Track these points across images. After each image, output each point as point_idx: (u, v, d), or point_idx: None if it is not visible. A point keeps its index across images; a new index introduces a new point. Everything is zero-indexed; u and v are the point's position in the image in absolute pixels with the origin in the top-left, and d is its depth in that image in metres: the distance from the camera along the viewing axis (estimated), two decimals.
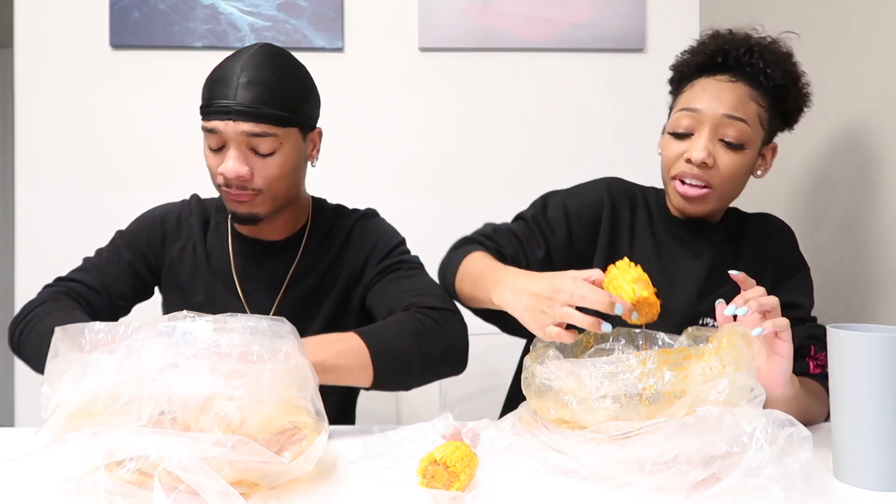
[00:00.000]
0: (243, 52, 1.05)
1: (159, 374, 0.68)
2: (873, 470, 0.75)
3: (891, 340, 0.75)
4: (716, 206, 1.11)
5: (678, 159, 1.08)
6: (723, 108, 1.05)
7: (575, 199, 1.17)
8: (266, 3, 1.95)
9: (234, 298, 1.15)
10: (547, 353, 0.86)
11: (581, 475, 0.75)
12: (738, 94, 1.06)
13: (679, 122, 1.09)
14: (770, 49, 1.09)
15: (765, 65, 1.07)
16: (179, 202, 1.23)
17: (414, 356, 0.97)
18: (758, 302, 0.87)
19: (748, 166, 1.08)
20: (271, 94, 1.02)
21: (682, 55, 1.16)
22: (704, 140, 1.05)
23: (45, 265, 1.93)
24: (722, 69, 1.09)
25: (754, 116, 1.06)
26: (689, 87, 1.11)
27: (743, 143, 1.06)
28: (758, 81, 1.07)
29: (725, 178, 1.07)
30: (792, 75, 1.09)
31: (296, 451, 0.70)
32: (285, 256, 1.17)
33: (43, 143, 1.95)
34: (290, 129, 1.05)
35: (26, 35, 1.94)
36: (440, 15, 1.96)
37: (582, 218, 1.15)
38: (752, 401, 0.76)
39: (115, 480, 0.66)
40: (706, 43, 1.12)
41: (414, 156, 2.01)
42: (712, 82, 1.08)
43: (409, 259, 1.17)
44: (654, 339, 0.95)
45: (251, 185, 1.04)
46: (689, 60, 1.13)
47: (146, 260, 1.17)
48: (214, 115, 1.02)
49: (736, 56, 1.08)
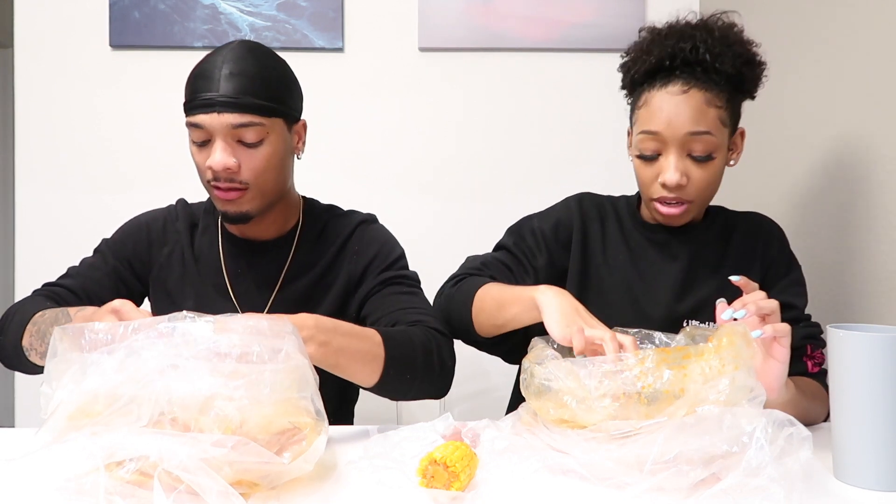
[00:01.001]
0: (223, 47, 1.05)
1: (159, 374, 0.68)
2: (873, 470, 0.75)
3: (891, 340, 0.75)
4: (697, 213, 1.13)
5: (653, 182, 1.08)
6: (684, 126, 1.03)
7: (547, 222, 1.19)
8: (266, 3, 1.95)
9: (225, 301, 1.14)
10: (546, 354, 0.86)
11: (581, 475, 0.75)
12: (694, 105, 1.03)
13: (643, 145, 1.08)
14: (714, 36, 1.05)
15: (713, 58, 1.04)
16: (165, 208, 1.23)
17: (419, 367, 0.99)
18: (757, 305, 0.88)
19: (721, 169, 1.08)
20: (254, 84, 1.02)
21: (625, 56, 1.14)
22: (674, 161, 1.05)
23: (45, 265, 1.92)
24: (671, 75, 1.06)
25: (716, 122, 1.05)
26: (644, 103, 1.08)
27: (712, 153, 1.05)
28: (711, 80, 1.05)
29: (701, 190, 1.07)
30: (742, 56, 1.06)
31: (296, 452, 0.70)
32: (277, 256, 1.16)
33: (43, 143, 1.95)
34: (275, 119, 1.05)
35: (26, 35, 1.94)
36: (440, 15, 1.96)
37: (557, 240, 1.17)
38: (752, 401, 0.76)
39: (115, 480, 0.66)
40: (650, 46, 1.09)
41: (414, 156, 2.01)
42: (666, 97, 1.05)
43: (409, 275, 1.18)
44: (651, 338, 0.96)
45: (239, 177, 1.04)
46: (637, 66, 1.10)
47: (132, 267, 1.17)
48: (199, 110, 1.01)
49: (683, 58, 1.05)
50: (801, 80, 1.44)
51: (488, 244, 1.26)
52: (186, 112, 1.04)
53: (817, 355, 1.08)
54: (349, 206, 1.27)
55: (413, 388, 1.00)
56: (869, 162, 1.22)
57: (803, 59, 1.21)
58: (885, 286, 1.17)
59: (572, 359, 0.83)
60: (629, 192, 1.24)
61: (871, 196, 1.21)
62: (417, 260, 1.25)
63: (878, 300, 1.19)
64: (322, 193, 1.28)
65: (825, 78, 1.35)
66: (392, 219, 1.27)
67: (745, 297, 0.91)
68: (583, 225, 1.18)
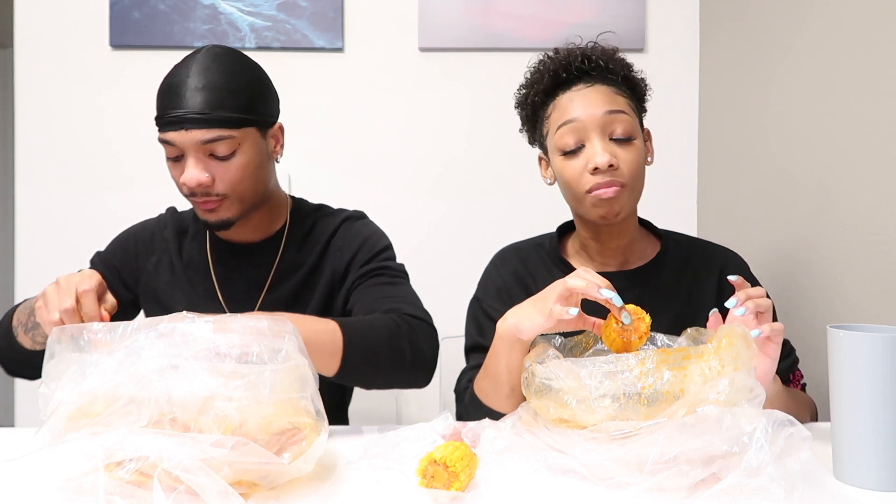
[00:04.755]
0: (190, 58, 1.04)
1: (159, 374, 0.68)
2: (873, 470, 0.75)
3: (891, 340, 0.75)
4: (629, 205, 1.08)
5: (582, 174, 1.05)
6: (601, 107, 1.05)
7: (489, 295, 1.17)
8: (266, 3, 1.95)
9: (214, 304, 1.15)
10: (546, 353, 0.86)
11: (581, 475, 0.75)
12: (603, 91, 1.06)
13: (564, 139, 1.06)
14: (598, 50, 1.10)
15: (605, 62, 1.08)
16: (155, 218, 1.24)
17: (384, 353, 0.97)
18: (755, 303, 0.90)
19: (643, 156, 1.08)
20: (221, 97, 1.00)
21: (520, 91, 1.15)
22: (598, 143, 1.04)
23: (45, 265, 1.93)
24: (572, 82, 1.08)
25: (628, 107, 1.07)
26: (553, 107, 1.09)
27: (631, 136, 1.06)
28: (608, 79, 1.08)
29: (632, 173, 1.05)
30: (628, 67, 1.11)
31: (295, 452, 0.70)
32: (264, 258, 1.16)
33: (43, 143, 1.95)
34: (246, 129, 1.04)
35: (26, 35, 1.94)
36: (440, 15, 1.96)
37: (503, 311, 1.10)
38: (752, 401, 0.76)
39: (115, 481, 0.66)
40: (541, 69, 1.11)
41: (414, 156, 2.01)
42: (573, 94, 1.07)
43: (393, 266, 1.16)
44: (652, 340, 0.96)
45: (214, 190, 1.03)
46: (535, 90, 1.11)
47: (121, 277, 1.19)
48: (168, 126, 1.01)
49: (578, 66, 1.08)
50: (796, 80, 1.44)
51: (488, 244, 1.26)
52: (158, 128, 1.03)
53: (798, 376, 1.12)
54: (349, 205, 1.27)
55: (381, 376, 0.98)
56: (869, 161, 1.22)
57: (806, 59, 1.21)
58: (885, 286, 1.17)
59: (573, 359, 0.83)
60: None
61: (871, 196, 1.21)
62: (417, 260, 1.25)
63: (878, 300, 1.19)
64: (322, 193, 1.28)
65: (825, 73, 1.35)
66: (392, 219, 1.27)
67: (749, 291, 0.91)
68: (516, 281, 1.16)
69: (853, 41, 1.27)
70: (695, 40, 2.00)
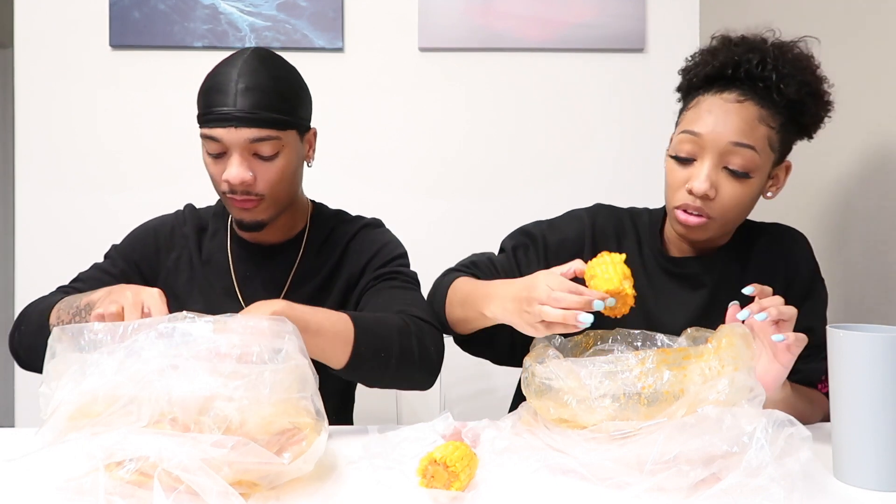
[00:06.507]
0: (237, 57, 1.05)
1: (159, 374, 0.68)
2: (873, 470, 0.75)
3: (891, 340, 0.75)
4: (717, 234, 1.05)
5: (680, 188, 1.02)
6: (729, 135, 0.97)
7: (555, 234, 1.14)
8: (266, 3, 1.95)
9: (233, 304, 1.15)
10: (547, 353, 0.86)
11: (581, 475, 0.75)
12: (745, 117, 0.98)
13: (681, 145, 1.02)
14: (786, 58, 1.00)
15: (779, 78, 0.98)
16: (173, 214, 1.24)
17: (393, 350, 0.97)
18: (778, 310, 0.87)
19: (755, 194, 1.02)
20: (270, 99, 1.03)
21: (690, 60, 1.08)
22: (707, 169, 0.98)
23: (45, 265, 1.93)
24: (731, 84, 1.01)
25: (763, 141, 0.98)
26: (695, 104, 1.03)
27: (749, 172, 0.98)
28: (770, 99, 0.99)
29: (727, 209, 1.00)
30: (809, 86, 1.00)
31: (296, 452, 0.70)
32: (285, 259, 1.17)
33: (43, 143, 1.95)
34: (289, 131, 1.06)
35: (26, 35, 1.94)
36: (440, 15, 1.96)
37: (560, 253, 1.10)
38: (752, 401, 0.76)
39: (115, 481, 0.66)
40: (716, 51, 1.03)
41: (414, 156, 2.01)
42: (718, 102, 1.00)
43: (406, 272, 1.17)
44: (653, 340, 0.96)
45: (255, 189, 1.05)
46: (698, 69, 1.05)
47: (140, 271, 1.18)
48: (215, 123, 1.02)
49: (747, 69, 0.99)
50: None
51: (488, 244, 1.26)
52: (201, 124, 1.04)
53: None
54: (348, 205, 1.27)
55: (389, 373, 0.98)
56: (869, 160, 1.22)
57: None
58: (885, 286, 1.17)
59: (573, 359, 0.83)
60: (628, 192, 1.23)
61: (871, 196, 1.21)
62: (417, 260, 1.25)
63: (878, 300, 1.19)
64: (321, 193, 1.28)
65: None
66: (393, 219, 1.27)
67: (765, 301, 0.88)
68: (594, 243, 1.11)
69: (853, 41, 1.27)
70: (695, 40, 2.00)
